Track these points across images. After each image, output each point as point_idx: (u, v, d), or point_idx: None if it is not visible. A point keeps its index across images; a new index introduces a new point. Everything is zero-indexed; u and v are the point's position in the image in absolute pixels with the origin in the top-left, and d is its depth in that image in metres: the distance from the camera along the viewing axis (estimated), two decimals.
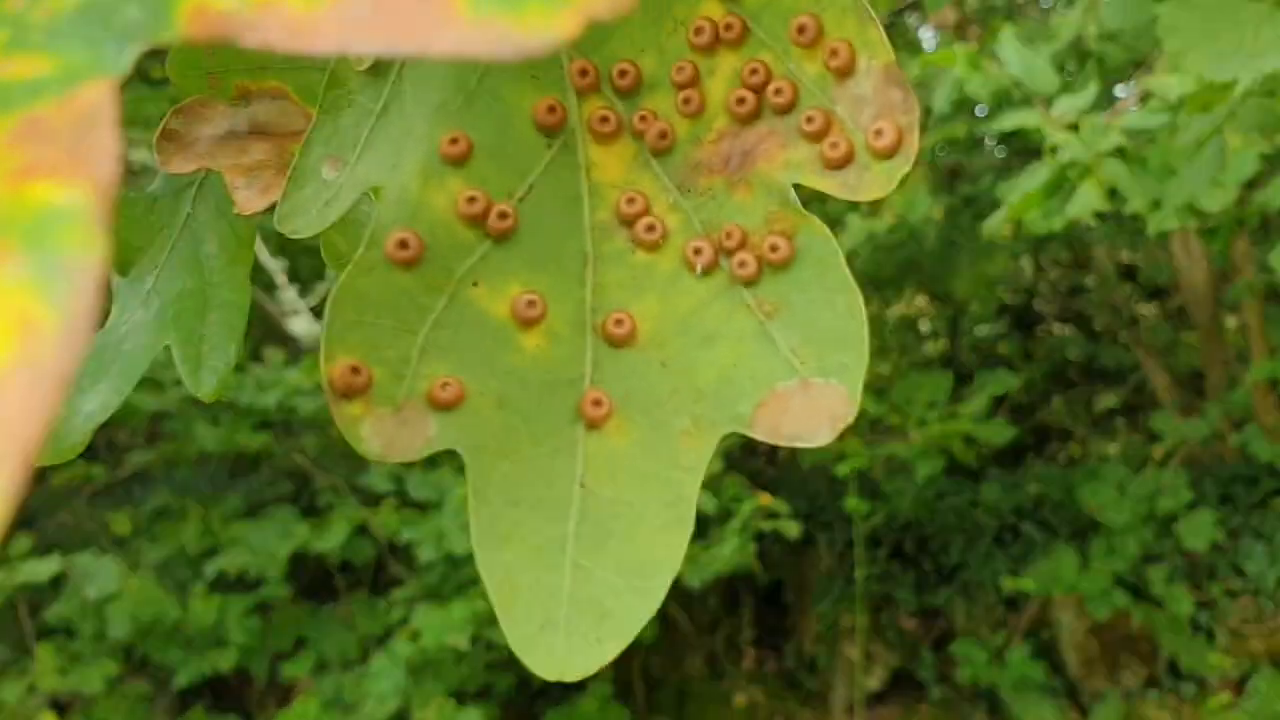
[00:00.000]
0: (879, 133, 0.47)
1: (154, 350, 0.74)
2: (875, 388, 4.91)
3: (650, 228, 0.51)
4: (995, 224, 2.87)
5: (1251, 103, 2.58)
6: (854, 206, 4.44)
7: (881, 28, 0.47)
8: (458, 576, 4.05)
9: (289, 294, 4.49)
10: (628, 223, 0.51)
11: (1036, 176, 2.66)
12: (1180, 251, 4.90)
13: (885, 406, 4.66)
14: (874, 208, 4.46)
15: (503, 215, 0.50)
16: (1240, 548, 4.51)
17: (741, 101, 0.50)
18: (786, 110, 0.50)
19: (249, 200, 0.55)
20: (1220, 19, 2.42)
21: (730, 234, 0.50)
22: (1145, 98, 2.97)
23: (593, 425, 0.49)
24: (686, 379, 0.49)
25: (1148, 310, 6.17)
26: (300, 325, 4.38)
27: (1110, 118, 2.71)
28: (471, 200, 0.49)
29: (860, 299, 0.48)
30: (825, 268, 0.49)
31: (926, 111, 3.79)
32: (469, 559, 3.89)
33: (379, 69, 0.52)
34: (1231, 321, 5.30)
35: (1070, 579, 4.46)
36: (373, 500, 4.35)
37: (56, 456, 0.69)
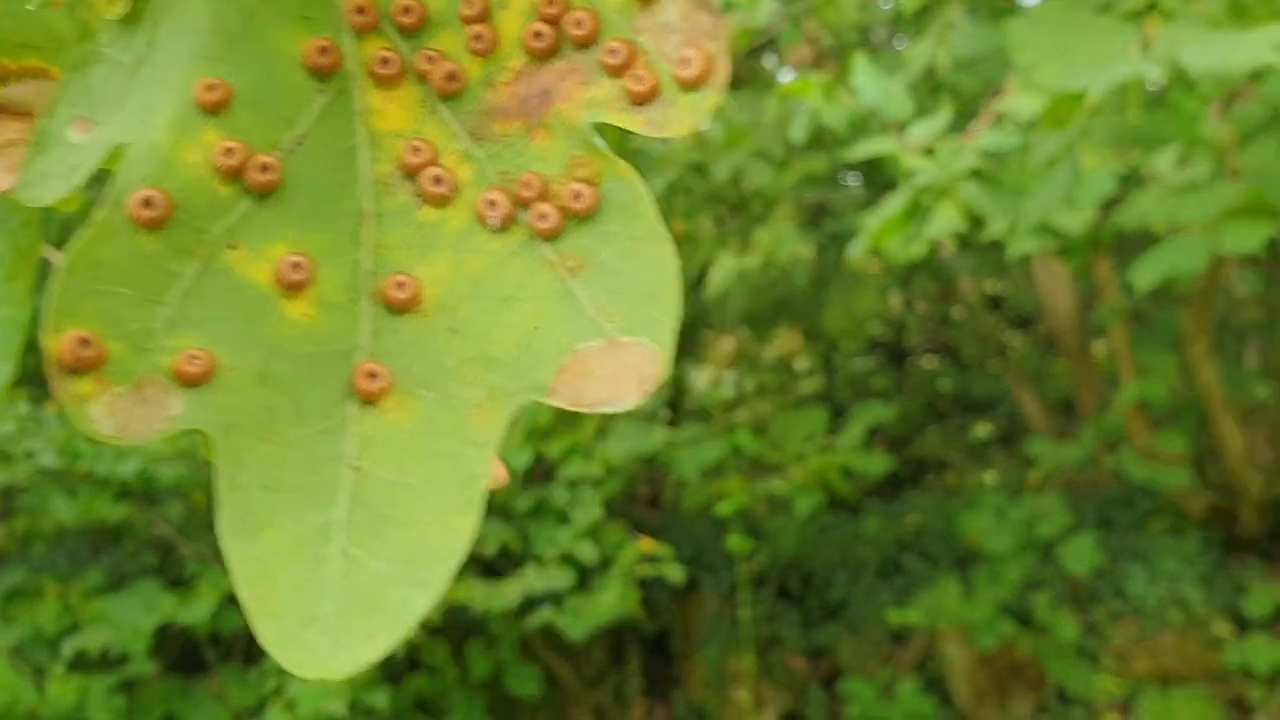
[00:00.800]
0: (685, 61, 0.43)
1: None
2: (753, 426, 4.91)
3: (438, 179, 0.45)
4: (856, 251, 2.88)
5: (1104, 119, 2.63)
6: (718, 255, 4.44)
7: None
8: None
9: None
10: (412, 175, 0.46)
11: (894, 202, 2.68)
12: (1044, 279, 5.01)
13: (764, 444, 4.66)
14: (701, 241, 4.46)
15: (265, 168, 0.44)
16: (1120, 570, 4.58)
17: (538, 36, 0.45)
18: (587, 44, 0.45)
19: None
20: (1070, 32, 2.47)
21: (528, 183, 0.45)
22: (998, 120, 3.02)
23: (368, 401, 0.43)
24: (479, 346, 0.44)
25: (1016, 339, 6.31)
26: None
27: (965, 139, 2.75)
28: (229, 152, 0.43)
29: (671, 248, 0.43)
30: (632, 215, 0.44)
31: (786, 146, 3.82)
32: None
33: (132, 18, 0.46)
34: (1100, 346, 5.43)
35: (955, 609, 4.47)
36: None
37: None
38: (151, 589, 4.13)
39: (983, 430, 6.12)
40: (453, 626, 4.22)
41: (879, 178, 4.66)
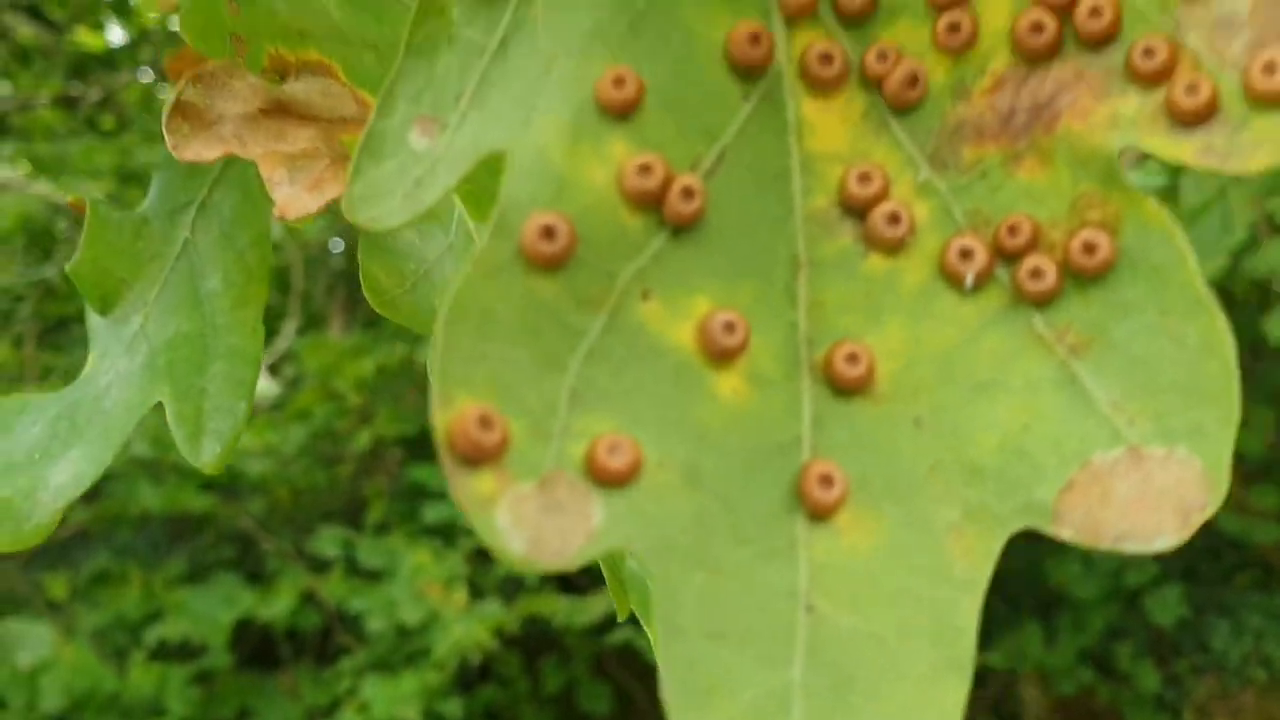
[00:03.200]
0: (1269, 67, 0.31)
1: (141, 408, 0.58)
2: None
3: (892, 219, 0.34)
4: None
5: None
6: None
7: None
8: (408, 647, 3.90)
9: None
10: (858, 212, 0.35)
11: None
12: None
13: None
14: None
15: (687, 194, 0.33)
16: (1205, 623, 4.49)
17: (1036, 29, 0.34)
18: (1105, 41, 0.33)
19: (294, 200, 0.39)
20: None
21: (1015, 228, 0.34)
22: (1143, 159, 2.88)
23: (819, 515, 0.32)
24: (952, 448, 0.33)
25: None
26: None
27: None
28: (645, 170, 0.33)
29: (1224, 325, 0.32)
30: (1164, 280, 0.32)
31: None
32: (420, 630, 3.75)
33: None
34: None
35: (1036, 654, 4.39)
36: (321, 567, 4.18)
37: (17, 541, 0.53)
38: (232, 583, 4.13)
39: None
40: (529, 639, 4.17)
41: None
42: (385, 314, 0.55)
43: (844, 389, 0.33)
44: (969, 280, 0.34)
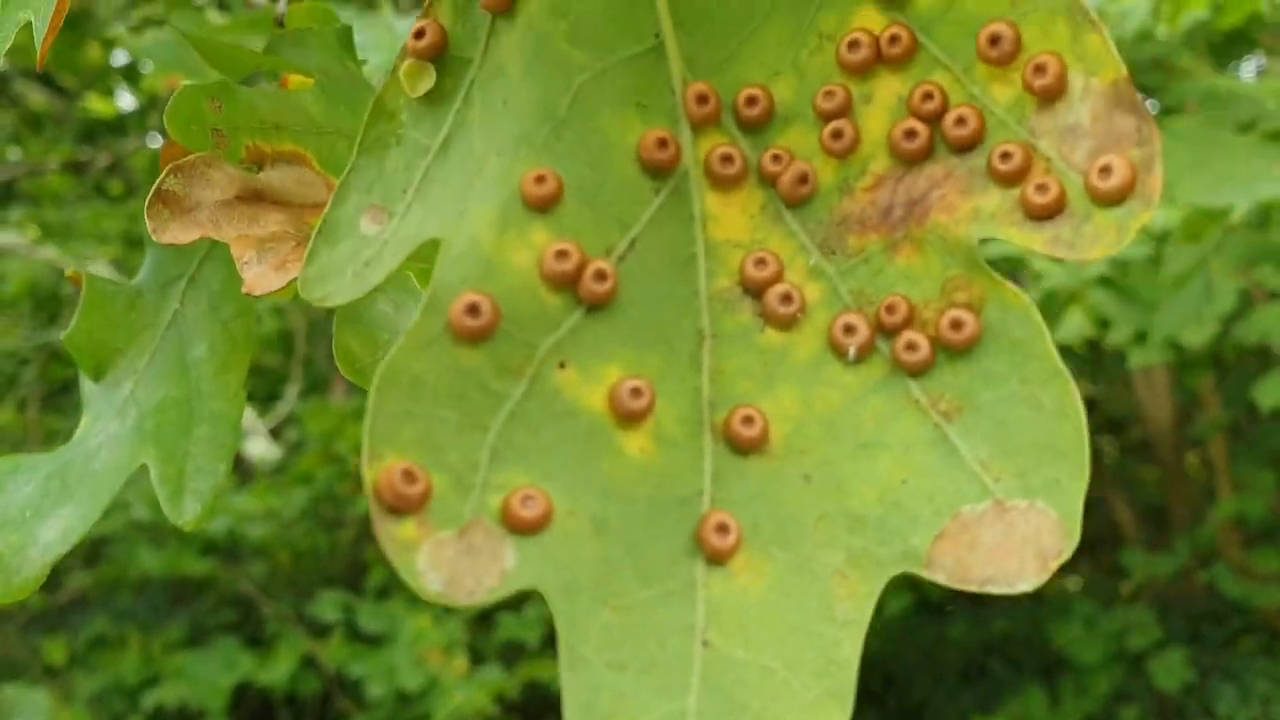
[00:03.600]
0: (1105, 170, 0.36)
1: (128, 469, 0.62)
2: None
3: (785, 298, 0.39)
4: None
5: (1238, 235, 2.56)
6: None
7: (1106, 33, 0.36)
8: (408, 713, 3.88)
9: (245, 413, 4.31)
10: (755, 292, 0.39)
11: None
12: (1142, 384, 4.89)
13: None
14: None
15: (600, 276, 0.38)
16: (1210, 688, 4.43)
17: (910, 135, 0.39)
18: (970, 146, 0.38)
19: (261, 278, 0.43)
20: (1210, 150, 2.40)
21: (892, 307, 0.38)
22: None
23: (716, 560, 0.36)
24: (838, 500, 0.37)
25: (1108, 443, 6.14)
26: (255, 448, 4.20)
27: None
28: (562, 255, 0.37)
29: (1075, 392, 0.36)
30: (1025, 352, 0.37)
31: None
32: (420, 696, 3.74)
33: (439, 94, 0.40)
34: (1193, 456, 5.28)
35: (1040, 719, 4.29)
36: (321, 631, 4.17)
37: (7, 595, 0.56)
38: (231, 647, 4.11)
39: None
40: (529, 704, 4.15)
41: (999, 268, 4.58)
42: (356, 381, 0.59)
43: (741, 448, 0.38)
44: (852, 352, 0.38)
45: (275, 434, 4.55)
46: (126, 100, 4.70)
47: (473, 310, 0.36)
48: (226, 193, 0.48)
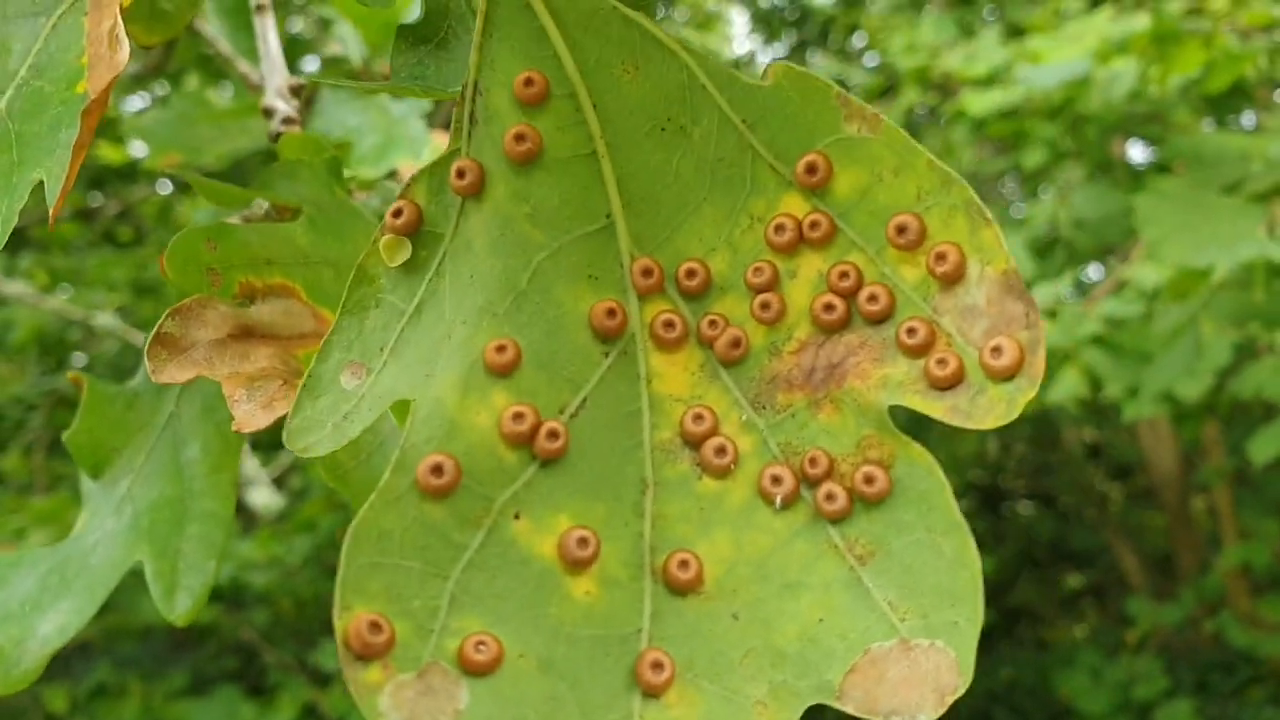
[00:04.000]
0: (996, 350, 0.41)
1: (124, 566, 0.66)
2: None
3: (720, 450, 0.44)
4: None
5: (1226, 294, 2.60)
6: None
7: (998, 229, 0.41)
8: None
9: (249, 463, 4.35)
10: (694, 444, 0.44)
11: None
12: (1147, 432, 4.91)
13: None
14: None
15: (552, 435, 0.42)
16: None
17: (829, 308, 0.44)
18: (881, 320, 0.43)
19: (250, 416, 0.48)
20: (1196, 211, 2.45)
21: (814, 460, 0.43)
22: (1120, 286, 2.99)
23: (651, 693, 0.40)
24: (763, 636, 0.41)
25: (1114, 490, 6.15)
26: (259, 496, 4.24)
27: (1087, 305, 2.72)
28: (518, 417, 0.42)
29: (972, 542, 0.41)
30: (929, 505, 0.42)
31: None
32: None
33: (414, 264, 0.45)
34: (1199, 502, 5.28)
35: None
36: (323, 680, 4.18)
37: (5, 686, 0.60)
38: (232, 696, 4.12)
39: (1075, 581, 5.94)
40: None
41: None
42: (338, 487, 0.64)
43: (678, 589, 0.42)
44: (778, 501, 0.43)
45: (279, 482, 4.58)
46: (137, 148, 4.76)
47: (437, 470, 0.40)
48: (219, 331, 0.52)
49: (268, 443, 4.64)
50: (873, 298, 0.43)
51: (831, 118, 0.44)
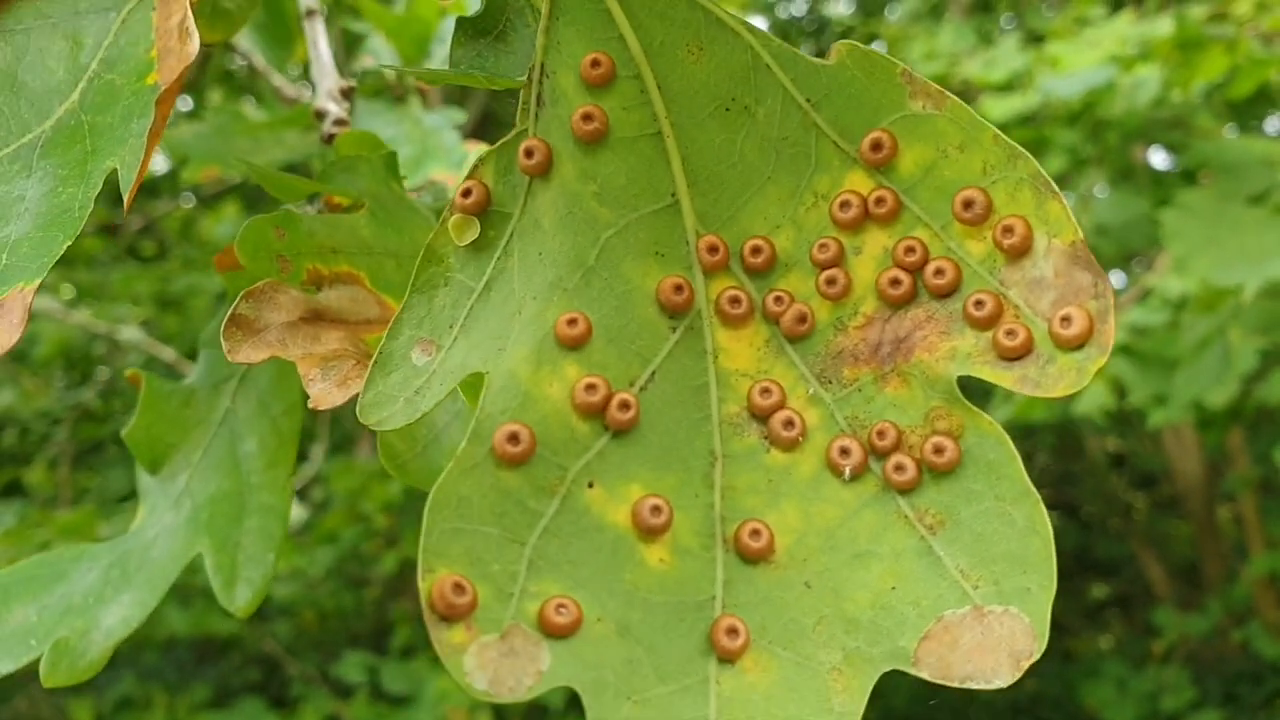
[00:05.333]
0: (1066, 319, 0.41)
1: (185, 558, 0.67)
2: None
3: (788, 423, 0.44)
4: (999, 420, 2.83)
5: (1256, 305, 2.59)
6: None
7: (1065, 202, 0.42)
8: None
9: None
10: (761, 417, 0.45)
11: None
12: (1172, 441, 4.88)
13: None
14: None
15: (624, 405, 0.43)
16: None
17: (895, 283, 0.44)
18: (948, 293, 0.44)
19: (326, 393, 0.49)
20: (1221, 225, 2.45)
21: (882, 433, 0.44)
22: (1145, 294, 2.98)
23: (727, 659, 0.41)
24: (835, 604, 0.42)
25: (1139, 499, 6.12)
26: None
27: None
28: (590, 388, 0.43)
29: (1043, 510, 0.41)
30: (999, 474, 0.42)
31: None
32: None
33: (482, 243, 0.46)
34: (1225, 511, 5.25)
35: None
36: (346, 691, 4.19)
37: (73, 676, 0.61)
38: (256, 708, 4.13)
39: (1100, 591, 5.91)
40: None
41: None
42: (396, 475, 0.64)
43: (750, 558, 0.43)
44: (847, 472, 0.43)
45: (301, 494, 4.60)
46: (159, 162, 4.80)
47: (513, 438, 0.41)
48: (291, 314, 0.53)
49: None
50: (939, 271, 0.44)
51: (897, 95, 0.44)
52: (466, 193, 0.46)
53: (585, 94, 0.46)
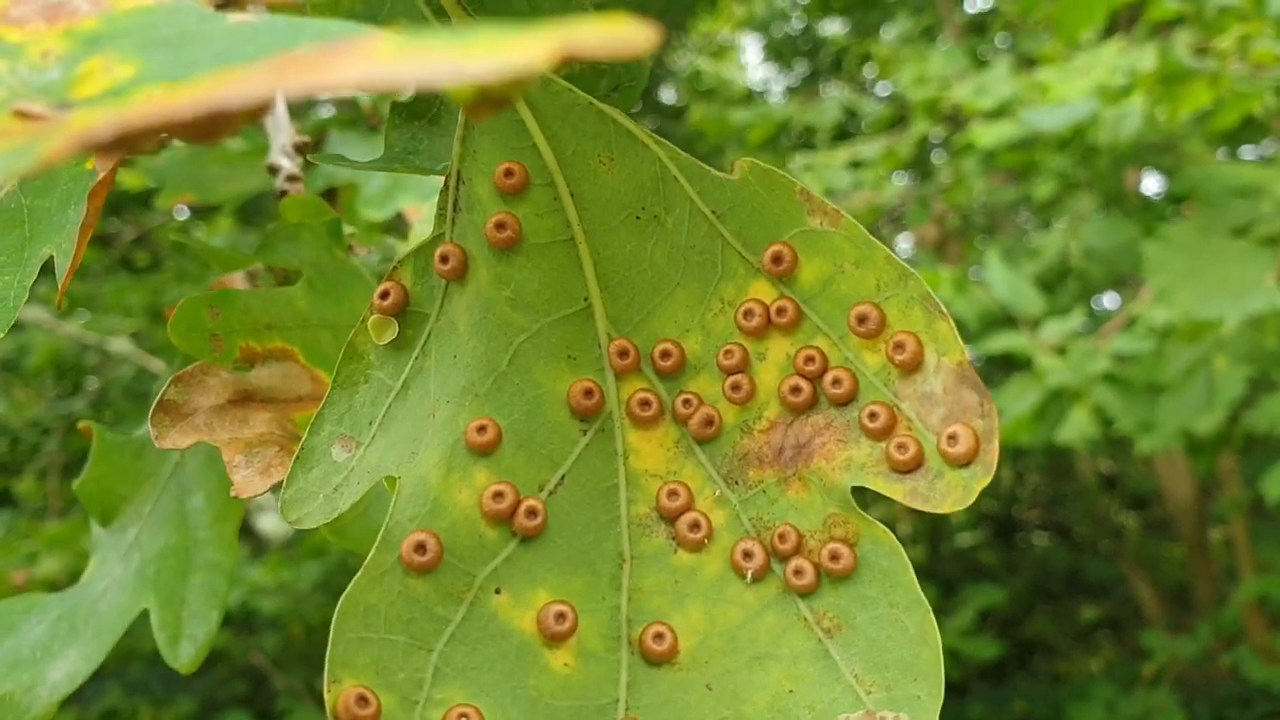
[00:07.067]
0: (953, 438, 0.43)
1: (132, 613, 0.68)
2: None
3: (694, 525, 0.45)
4: None
5: (1240, 335, 2.60)
6: None
7: (951, 323, 0.43)
8: None
9: None
10: (669, 518, 0.46)
11: (1025, 400, 2.65)
12: (1163, 463, 4.88)
13: None
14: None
15: (532, 512, 0.44)
16: None
17: (796, 390, 0.46)
18: (845, 402, 0.45)
19: (249, 482, 0.50)
20: (1203, 257, 2.45)
21: (784, 536, 0.45)
22: (1131, 322, 2.99)
23: None
24: (734, 707, 0.43)
25: (1130, 520, 6.12)
26: (269, 521, 4.27)
27: (1097, 341, 2.73)
28: (498, 496, 0.44)
29: (933, 619, 0.43)
30: (892, 582, 0.43)
31: None
32: None
33: (401, 342, 0.48)
34: (1217, 533, 5.25)
35: None
36: None
37: None
38: None
39: (1091, 613, 5.91)
40: None
41: (997, 357, 4.62)
42: (335, 541, 0.66)
43: (653, 660, 0.44)
44: (749, 575, 0.45)
45: None
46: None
47: (420, 548, 0.43)
48: (220, 397, 0.54)
49: None
50: (837, 381, 0.45)
51: (795, 211, 0.46)
52: (385, 294, 0.47)
53: (499, 201, 0.47)
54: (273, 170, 0.81)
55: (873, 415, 0.44)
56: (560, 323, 0.47)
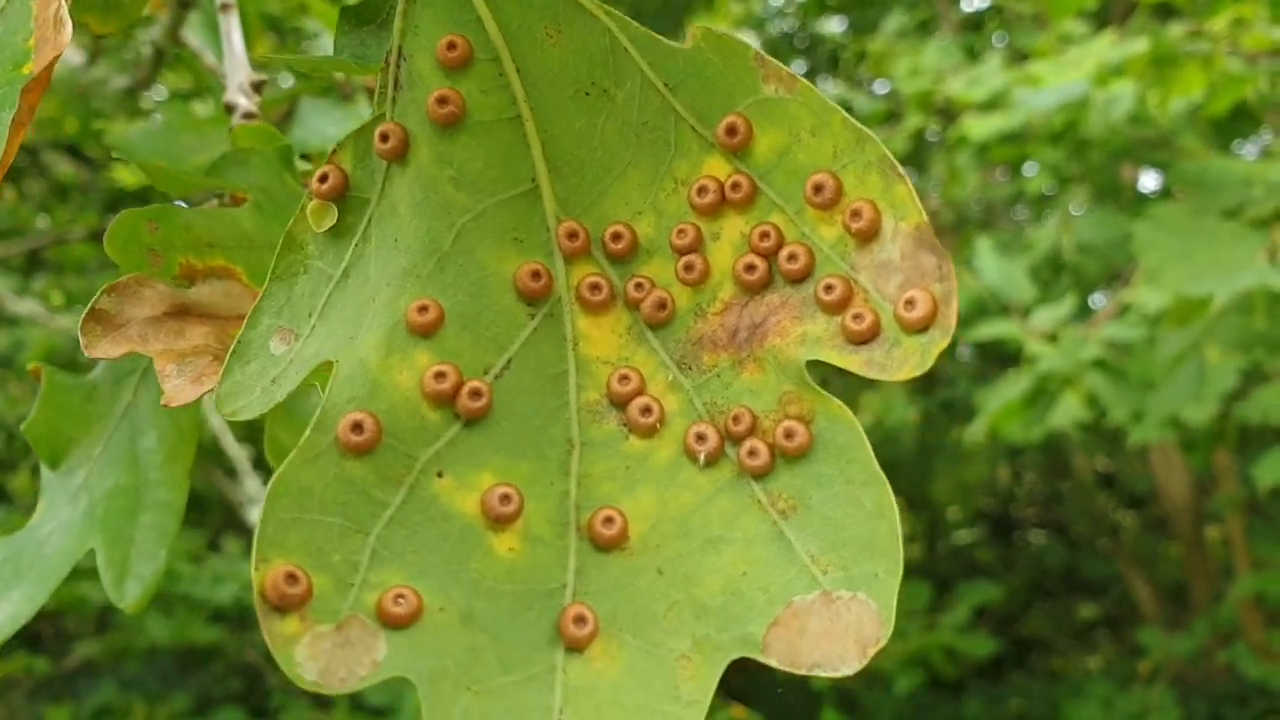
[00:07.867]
0: (910, 303, 0.41)
1: (77, 554, 0.66)
2: None
3: (646, 410, 0.44)
4: (975, 433, 2.83)
5: (1229, 320, 2.59)
6: None
7: (910, 184, 0.41)
8: None
9: (252, 482, 4.35)
10: (620, 404, 0.44)
11: (1016, 386, 2.63)
12: (1159, 461, 4.87)
13: None
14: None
15: (475, 394, 0.43)
16: None
17: (750, 269, 0.44)
18: (801, 278, 0.44)
19: (179, 390, 0.48)
20: (1194, 238, 2.44)
21: (738, 418, 0.43)
22: (1123, 310, 2.98)
23: (574, 647, 0.41)
24: (686, 591, 0.42)
25: (1127, 518, 6.11)
26: (260, 513, 4.24)
27: (1089, 329, 2.71)
28: (440, 376, 0.42)
29: (890, 494, 0.41)
30: (848, 458, 0.42)
31: None
32: None
33: (341, 229, 0.46)
34: (1214, 531, 5.24)
35: None
36: (326, 702, 4.17)
37: None
38: (236, 718, 4.12)
39: (1088, 611, 5.90)
40: None
41: (991, 349, 4.61)
42: (278, 434, 0.64)
43: (603, 545, 0.42)
44: (702, 458, 0.43)
45: None
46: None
47: (357, 427, 0.41)
48: (156, 309, 0.53)
49: (267, 462, 4.64)
50: (792, 256, 0.44)
51: (750, 79, 0.44)
52: (324, 178, 0.46)
53: (442, 77, 0.46)
54: (229, 109, 0.80)
55: (829, 288, 0.43)
56: (506, 203, 0.46)
